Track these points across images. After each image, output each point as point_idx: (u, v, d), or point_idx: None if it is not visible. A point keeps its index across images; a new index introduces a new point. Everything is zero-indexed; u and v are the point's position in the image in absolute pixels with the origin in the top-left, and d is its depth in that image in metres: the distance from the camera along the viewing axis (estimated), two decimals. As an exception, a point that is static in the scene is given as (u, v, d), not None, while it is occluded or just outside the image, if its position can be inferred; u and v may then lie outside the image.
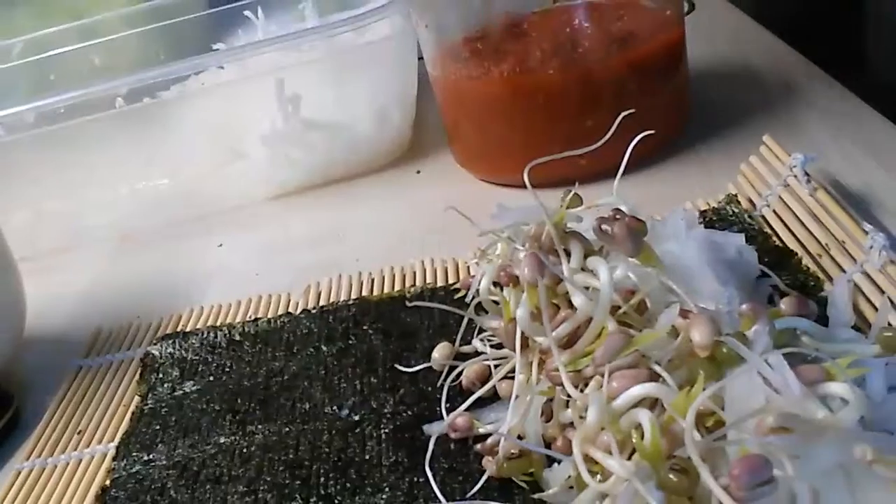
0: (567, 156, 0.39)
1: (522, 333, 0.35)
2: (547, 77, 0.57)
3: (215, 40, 0.83)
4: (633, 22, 0.60)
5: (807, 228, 0.44)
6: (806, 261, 0.43)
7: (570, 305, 0.35)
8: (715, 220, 0.48)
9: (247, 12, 0.83)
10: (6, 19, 0.92)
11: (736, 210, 0.48)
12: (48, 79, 0.86)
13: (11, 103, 0.69)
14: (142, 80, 0.66)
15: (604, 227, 0.34)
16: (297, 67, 0.67)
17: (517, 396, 0.35)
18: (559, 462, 0.33)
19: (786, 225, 0.46)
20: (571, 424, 0.33)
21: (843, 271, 0.41)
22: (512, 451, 0.34)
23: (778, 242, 0.45)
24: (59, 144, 0.68)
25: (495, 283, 0.41)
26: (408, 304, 0.46)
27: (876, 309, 0.38)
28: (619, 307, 0.34)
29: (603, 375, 0.30)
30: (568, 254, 0.36)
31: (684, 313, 0.31)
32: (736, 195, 0.50)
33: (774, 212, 0.47)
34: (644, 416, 0.28)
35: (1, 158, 0.68)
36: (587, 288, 0.34)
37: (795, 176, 0.47)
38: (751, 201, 0.49)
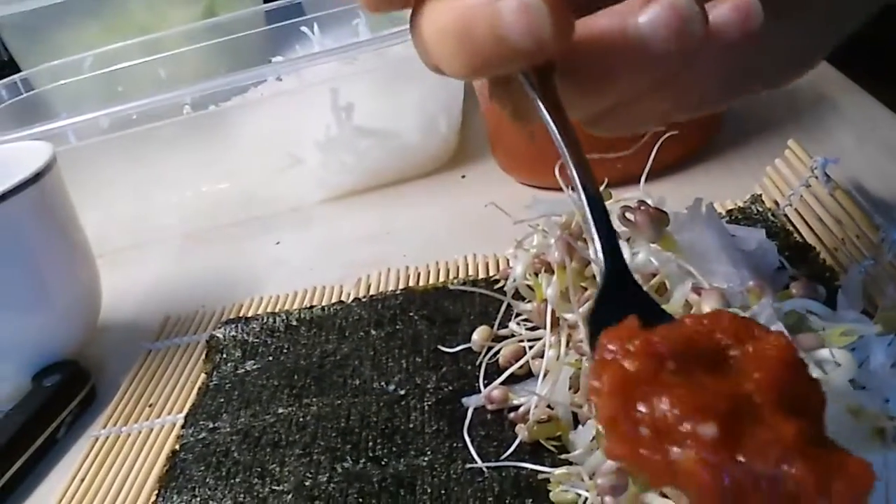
0: (601, 157, 0.42)
1: (553, 312, 0.39)
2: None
3: (273, 54, 0.88)
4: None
5: (825, 225, 0.47)
6: (823, 254, 0.46)
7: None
8: (740, 217, 0.51)
9: (304, 28, 0.88)
10: (78, 35, 0.98)
11: (760, 209, 0.51)
12: (117, 90, 0.92)
13: (83, 113, 0.75)
14: (207, 90, 0.71)
15: (627, 214, 0.38)
16: (351, 78, 0.71)
17: (547, 369, 0.39)
18: (584, 425, 0.36)
19: (806, 222, 0.49)
20: (595, 391, 0.36)
21: (858, 263, 0.44)
22: (542, 416, 0.37)
23: (798, 238, 0.48)
24: (129, 149, 0.73)
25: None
26: (450, 287, 0.50)
27: (886, 297, 0.40)
28: (641, 288, 0.37)
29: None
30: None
31: (697, 290, 0.34)
32: (760, 195, 0.53)
33: (797, 210, 0.50)
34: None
35: (77, 163, 0.73)
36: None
37: (816, 177, 0.50)
38: (775, 202, 0.52)
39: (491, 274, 0.54)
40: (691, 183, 0.59)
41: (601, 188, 0.44)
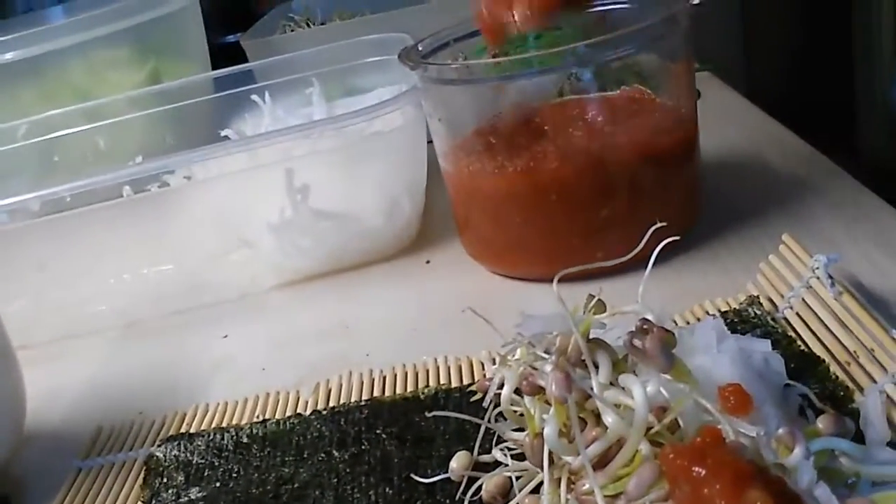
0: (591, 268, 0.38)
1: (549, 451, 0.34)
2: (561, 171, 0.56)
3: (222, 124, 0.82)
4: (647, 116, 0.60)
5: (833, 335, 0.43)
6: (834, 368, 0.42)
7: (598, 420, 0.34)
8: (737, 321, 0.47)
9: (254, 96, 0.83)
10: (12, 100, 0.92)
11: (758, 312, 0.47)
12: (52, 160, 0.86)
13: (16, 185, 0.69)
14: (148, 171, 0.65)
15: (635, 342, 0.33)
16: (307, 156, 0.66)
17: (544, 516, 0.34)
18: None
19: (810, 329, 0.45)
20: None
21: (874, 381, 0.40)
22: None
23: (803, 347, 0.44)
24: (62, 231, 0.67)
25: (516, 391, 0.40)
26: (427, 414, 0.44)
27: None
28: (651, 426, 0.33)
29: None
30: (595, 366, 0.35)
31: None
32: (757, 297, 0.49)
33: (798, 315, 0.46)
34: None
35: (4, 246, 0.67)
36: (618, 405, 0.33)
37: (818, 278, 0.46)
38: (772, 302, 0.49)
39: (465, 381, 0.49)
40: (676, 277, 0.55)
41: (594, 299, 0.39)
